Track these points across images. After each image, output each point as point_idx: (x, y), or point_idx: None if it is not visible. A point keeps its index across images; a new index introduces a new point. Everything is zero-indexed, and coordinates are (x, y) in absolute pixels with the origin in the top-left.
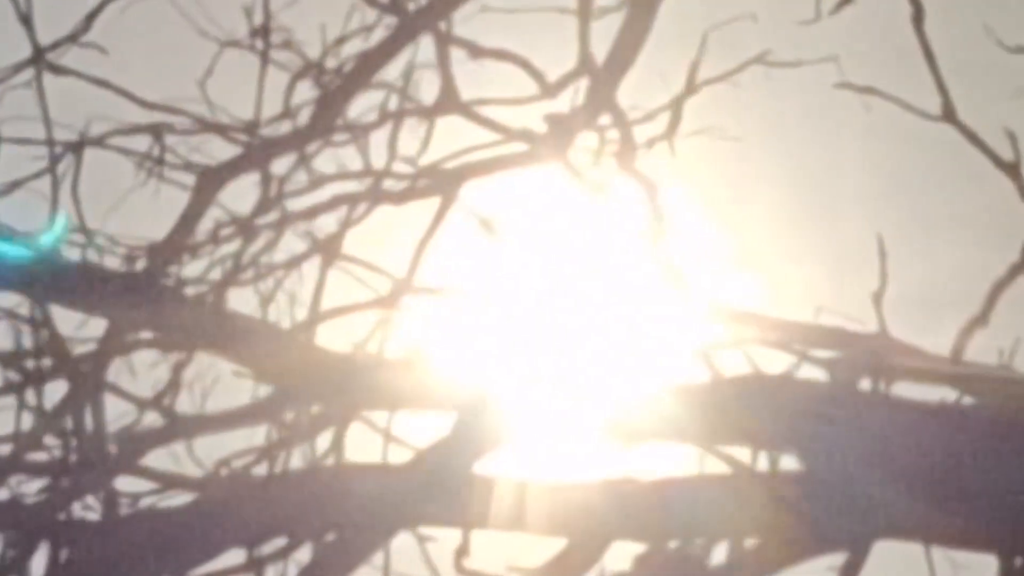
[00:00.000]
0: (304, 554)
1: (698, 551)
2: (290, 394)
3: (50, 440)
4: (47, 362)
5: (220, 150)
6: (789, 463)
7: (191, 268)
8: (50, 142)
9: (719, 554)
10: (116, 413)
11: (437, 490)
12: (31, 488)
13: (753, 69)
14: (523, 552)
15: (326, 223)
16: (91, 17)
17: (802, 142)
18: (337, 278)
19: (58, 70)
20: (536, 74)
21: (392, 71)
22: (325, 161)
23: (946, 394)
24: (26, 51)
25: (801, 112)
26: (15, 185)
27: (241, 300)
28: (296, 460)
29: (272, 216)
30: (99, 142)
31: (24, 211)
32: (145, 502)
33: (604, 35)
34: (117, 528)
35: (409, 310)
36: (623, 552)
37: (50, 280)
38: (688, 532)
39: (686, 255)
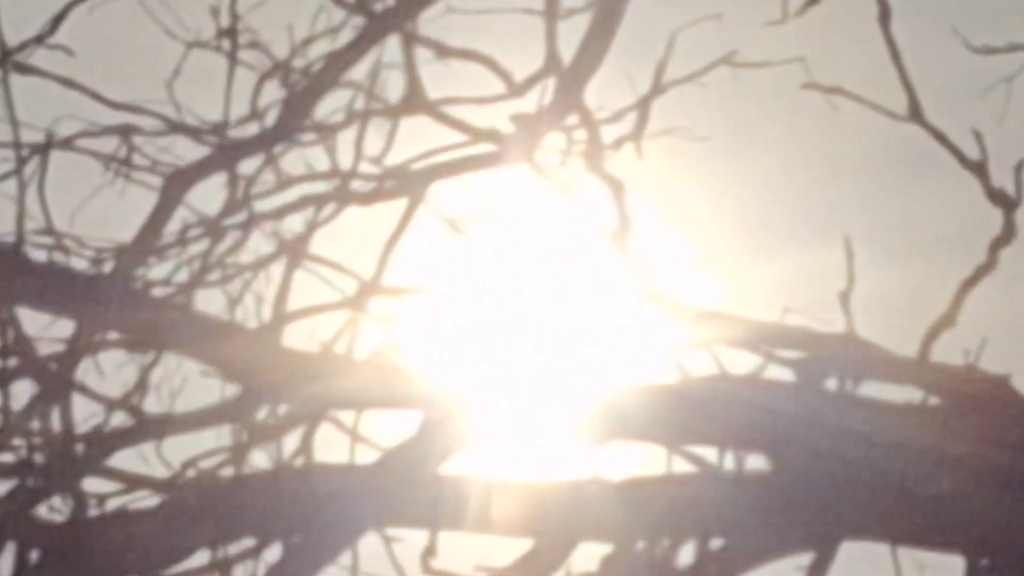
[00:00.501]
0: (272, 554)
1: (665, 551)
2: (257, 395)
3: (17, 441)
4: (14, 362)
5: (188, 151)
6: (756, 463)
7: (159, 269)
8: (17, 144)
9: (686, 554)
10: (84, 414)
11: (404, 491)
12: None
13: (720, 70)
14: (490, 552)
15: (293, 224)
16: (58, 18)
17: (769, 142)
18: (304, 279)
19: (25, 70)
20: (503, 74)
21: (359, 71)
22: (292, 162)
23: (912, 394)
24: None
25: (768, 112)
26: None
27: (209, 301)
28: (264, 460)
29: (239, 217)
30: (66, 144)
31: None
32: (113, 503)
33: (571, 35)
34: (85, 529)
35: (376, 311)
36: (590, 553)
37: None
38: (655, 532)
39: (653, 255)
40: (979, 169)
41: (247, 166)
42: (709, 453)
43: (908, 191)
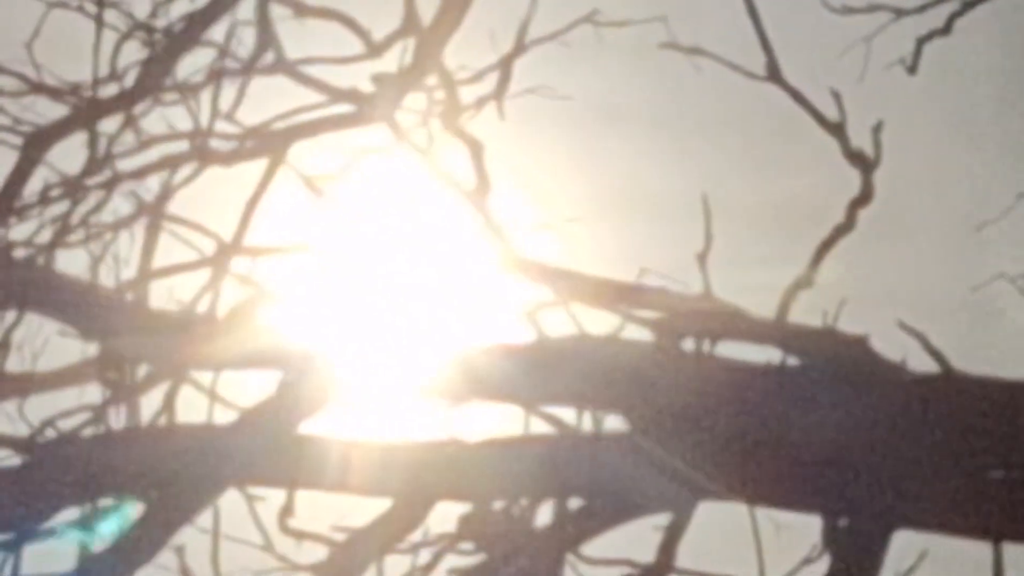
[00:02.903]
0: (132, 513)
1: (523, 511)
2: (118, 354)
3: None
4: None
5: (48, 111)
6: (614, 424)
7: (19, 230)
8: None
9: (544, 515)
10: None
11: (262, 450)
12: None
13: (582, 29)
14: (348, 512)
15: (155, 184)
16: None
17: (631, 102)
18: (165, 239)
19: None
20: (362, 33)
21: (219, 31)
22: (153, 121)
23: (771, 355)
24: None
25: (630, 71)
26: None
27: (70, 261)
28: (124, 420)
29: (100, 177)
30: None
31: None
32: None
33: None
34: None
35: (237, 271)
36: (448, 512)
37: None
38: (513, 493)
39: (512, 216)
40: (838, 130)
41: (108, 126)
42: (567, 414)
43: (766, 151)
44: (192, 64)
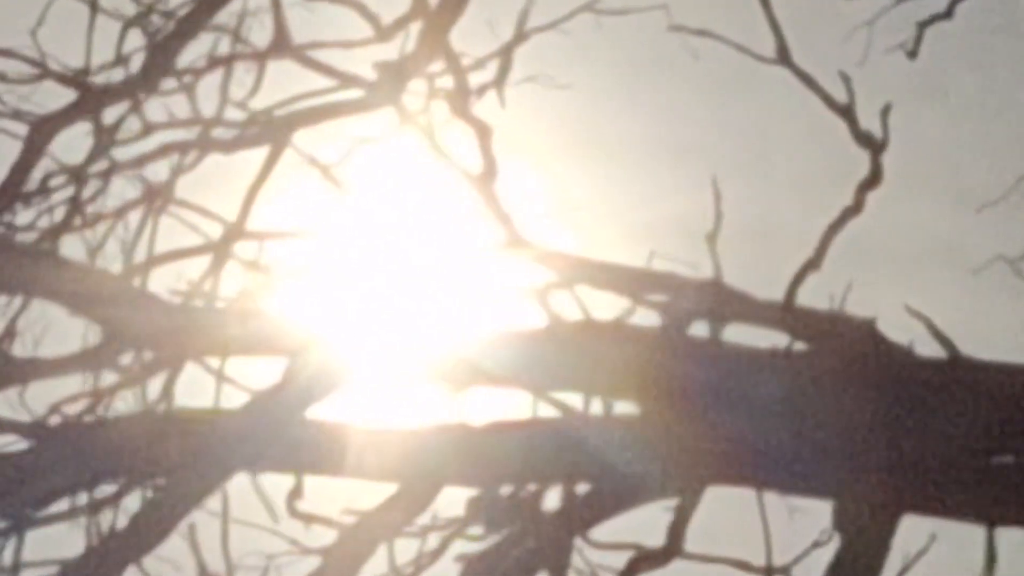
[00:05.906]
0: (133, 501)
1: (531, 496)
2: (122, 340)
3: None
4: None
5: (50, 99)
6: (622, 409)
7: (23, 216)
8: None
9: (552, 499)
10: None
11: (270, 435)
12: None
13: (583, 17)
14: (356, 496)
15: (159, 170)
16: None
17: (634, 89)
18: (168, 226)
19: None
20: (370, 17)
21: (225, 15)
22: (156, 109)
23: (778, 339)
24: None
25: (633, 59)
26: None
27: (73, 247)
28: (128, 405)
29: (103, 164)
30: None
31: None
32: None
33: None
34: None
35: (241, 256)
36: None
37: None
38: (521, 477)
39: (519, 200)
40: (846, 112)
41: (112, 114)
42: (575, 399)
43: (775, 133)
44: (193, 51)
